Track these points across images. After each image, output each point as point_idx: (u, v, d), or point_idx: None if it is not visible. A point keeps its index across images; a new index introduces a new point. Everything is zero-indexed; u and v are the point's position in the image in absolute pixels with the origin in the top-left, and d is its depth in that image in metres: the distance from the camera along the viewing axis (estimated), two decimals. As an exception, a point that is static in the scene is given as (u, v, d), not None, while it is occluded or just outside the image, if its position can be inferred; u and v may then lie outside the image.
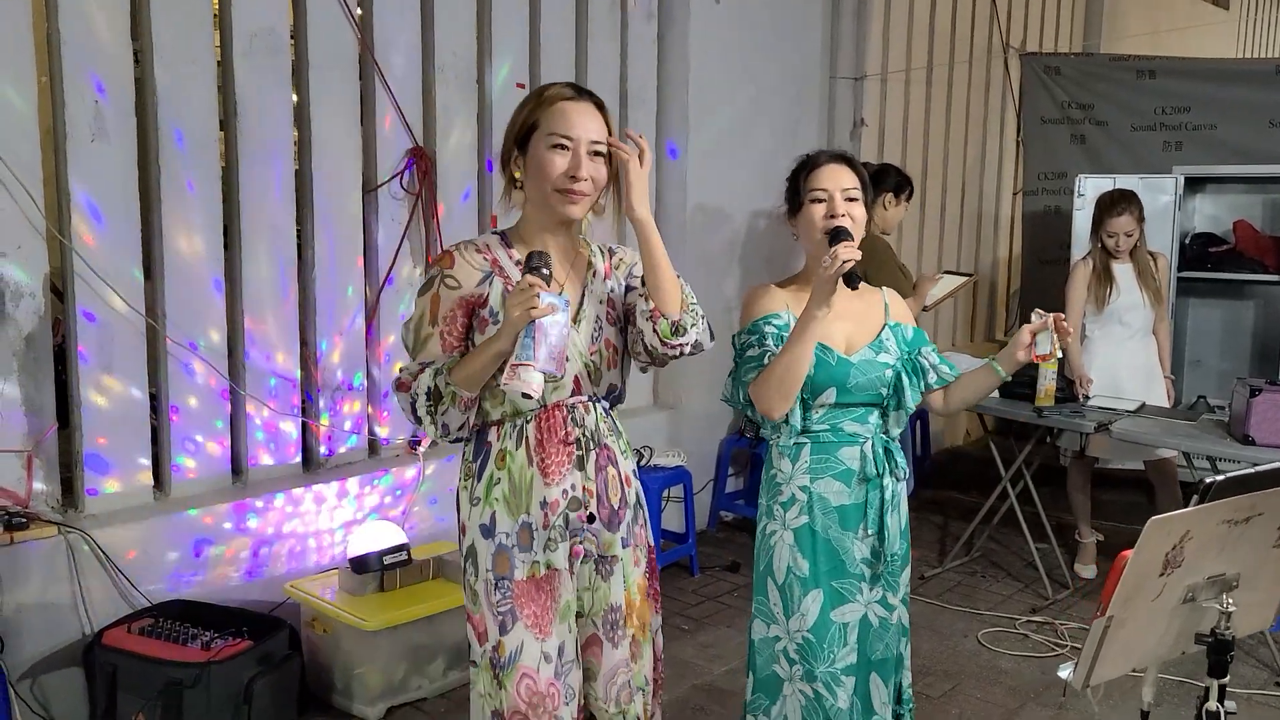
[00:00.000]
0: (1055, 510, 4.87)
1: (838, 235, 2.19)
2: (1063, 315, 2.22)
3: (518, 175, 2.06)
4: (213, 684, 2.88)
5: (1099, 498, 4.88)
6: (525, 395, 1.85)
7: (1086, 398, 4.36)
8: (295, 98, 3.64)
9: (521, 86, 4.28)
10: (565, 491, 2.04)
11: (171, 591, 3.29)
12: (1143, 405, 4.29)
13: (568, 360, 1.98)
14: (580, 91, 2.05)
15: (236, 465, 3.63)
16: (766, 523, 2.34)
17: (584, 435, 2.06)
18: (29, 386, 3.09)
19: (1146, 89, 6.03)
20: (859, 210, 2.29)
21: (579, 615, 2.10)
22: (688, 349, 2.07)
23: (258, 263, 3.57)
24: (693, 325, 2.05)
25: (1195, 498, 1.57)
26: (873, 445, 2.31)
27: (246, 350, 3.57)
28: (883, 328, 2.37)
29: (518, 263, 2.05)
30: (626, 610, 2.12)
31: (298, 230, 3.71)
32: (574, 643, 2.07)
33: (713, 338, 2.14)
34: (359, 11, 3.78)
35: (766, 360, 2.22)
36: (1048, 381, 4.24)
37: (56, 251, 3.17)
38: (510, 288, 1.99)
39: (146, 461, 3.38)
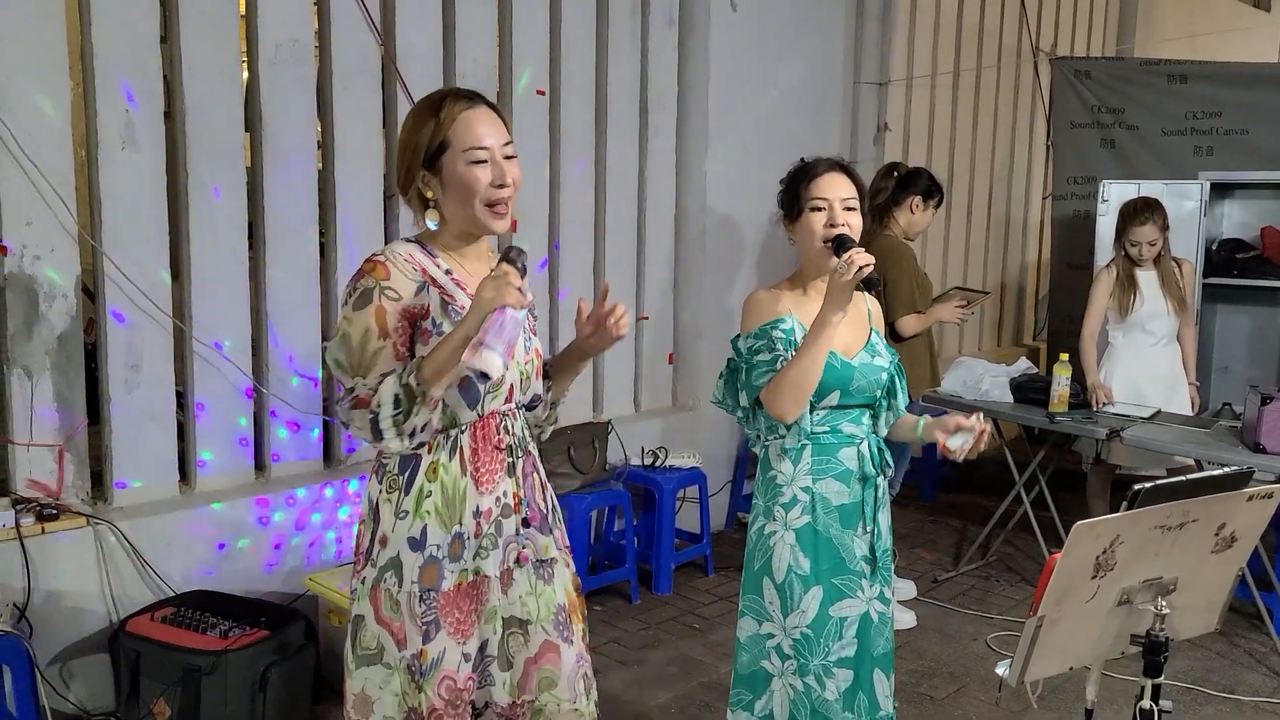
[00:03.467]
0: (1078, 516, 4.86)
1: (842, 243, 2.25)
2: (987, 428, 2.31)
3: (430, 195, 1.99)
4: (229, 672, 2.99)
5: (1119, 504, 4.85)
6: (483, 375, 1.81)
7: (1104, 405, 4.35)
8: (319, 105, 3.75)
9: (542, 93, 4.37)
10: (498, 499, 2.04)
11: (195, 582, 3.41)
12: (1157, 412, 4.28)
13: (506, 370, 1.93)
14: (473, 97, 2.00)
15: (259, 461, 3.74)
16: (765, 523, 2.38)
17: (513, 442, 2.07)
18: (61, 384, 3.23)
19: (1177, 93, 5.98)
20: (856, 219, 2.34)
21: (526, 623, 2.09)
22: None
23: (281, 265, 3.69)
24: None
25: (1124, 504, 1.61)
26: (868, 445, 2.38)
27: (270, 350, 3.69)
28: (870, 332, 2.44)
29: (447, 272, 2.01)
30: (570, 609, 2.15)
31: (320, 234, 3.83)
32: (497, 641, 2.07)
33: None
34: (381, 20, 3.88)
35: (779, 365, 2.26)
36: (1061, 387, 4.27)
37: (88, 254, 3.31)
38: (446, 298, 1.97)
39: (172, 457, 3.51)
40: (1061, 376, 4.28)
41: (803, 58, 5.28)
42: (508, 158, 1.98)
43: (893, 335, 4.18)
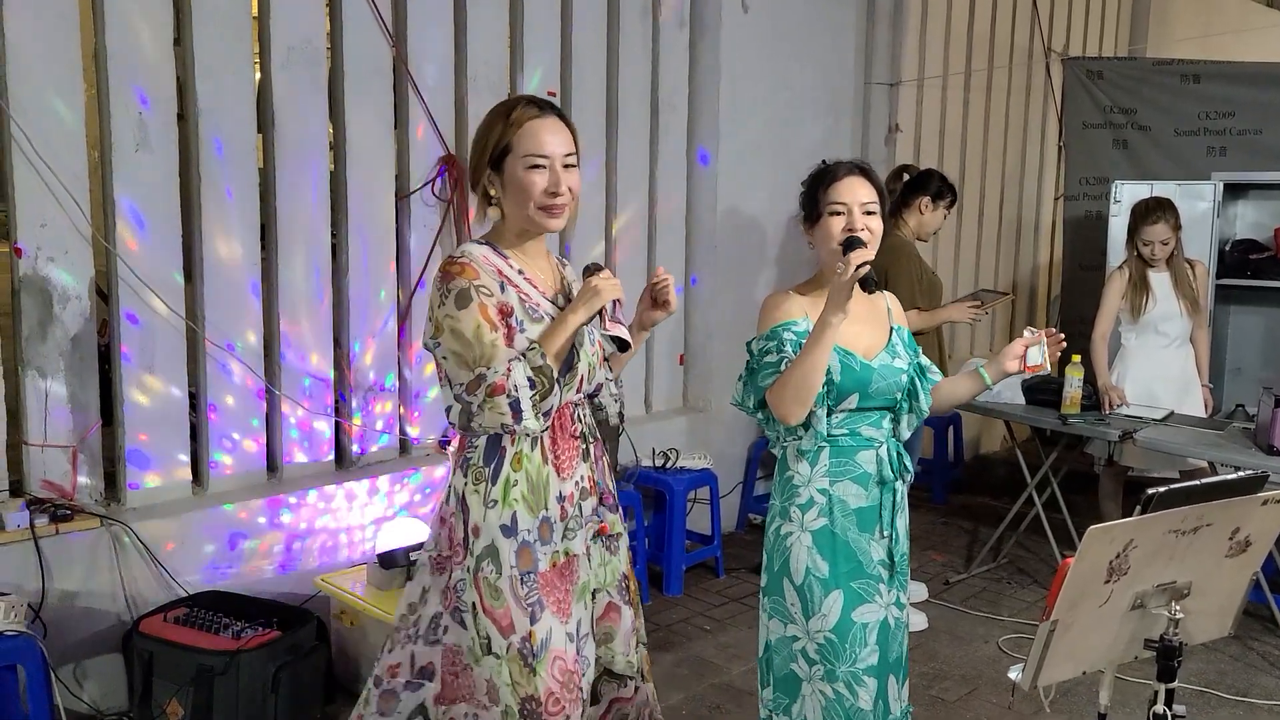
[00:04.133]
0: (1090, 518, 4.85)
1: (851, 244, 2.24)
2: (1054, 330, 2.28)
3: (493, 193, 2.15)
4: (242, 672, 3.00)
5: (1132, 506, 4.83)
6: (621, 343, 2.10)
7: (1117, 407, 4.34)
8: (330, 106, 3.77)
9: (553, 94, 4.37)
10: (576, 483, 2.19)
11: (208, 583, 3.42)
12: (1170, 414, 4.26)
13: (580, 361, 2.15)
14: (544, 106, 2.13)
15: (272, 462, 3.76)
16: (781, 524, 2.37)
17: (585, 429, 2.24)
18: (75, 385, 3.25)
19: (1190, 93, 5.96)
20: (876, 223, 2.33)
21: (595, 591, 2.25)
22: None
23: (293, 267, 3.70)
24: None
25: (1138, 508, 1.60)
26: (888, 449, 2.36)
27: (282, 351, 3.70)
28: (891, 331, 2.43)
29: (519, 271, 2.16)
30: (629, 576, 2.34)
31: (332, 235, 3.84)
32: (589, 617, 2.23)
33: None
34: (393, 22, 3.89)
35: (784, 367, 2.26)
36: (1073, 389, 4.25)
37: (102, 256, 3.33)
38: (522, 295, 2.13)
39: (185, 458, 3.52)
40: (1073, 378, 4.27)
41: (814, 59, 5.28)
42: (567, 167, 2.11)
43: None
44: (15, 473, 3.22)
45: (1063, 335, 2.29)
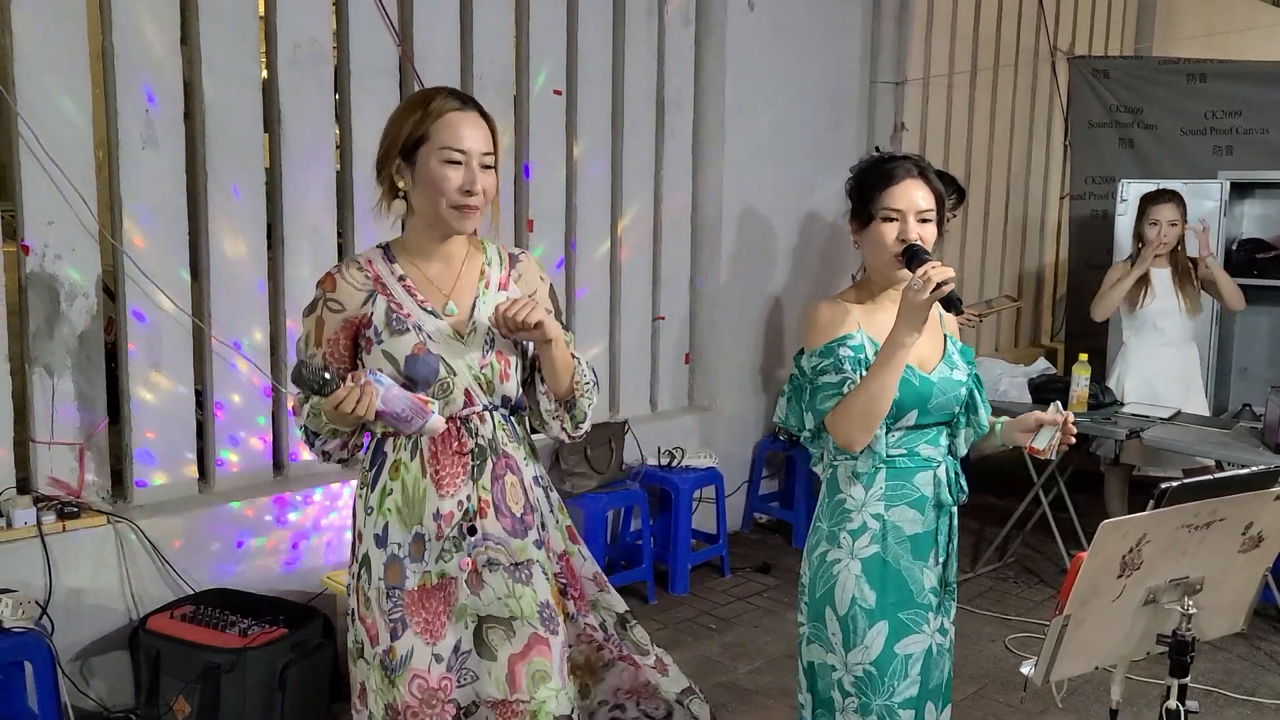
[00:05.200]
0: (1096, 518, 4.83)
1: (914, 254, 2.05)
2: (1071, 417, 2.16)
3: (401, 185, 2.02)
4: (248, 669, 3.00)
5: (1137, 505, 4.83)
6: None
7: (1119, 404, 4.34)
8: (337, 105, 3.77)
9: (558, 93, 4.37)
10: (460, 503, 2.04)
11: (214, 580, 3.42)
12: (1178, 413, 4.26)
13: (455, 375, 2.02)
14: (466, 100, 2.02)
15: (278, 460, 3.76)
16: (829, 549, 2.18)
17: (479, 445, 2.06)
18: (82, 382, 3.25)
19: (1197, 92, 5.94)
20: (931, 230, 2.13)
21: (513, 619, 2.07)
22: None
23: (300, 264, 3.70)
24: (589, 409, 2.18)
25: (1151, 503, 1.60)
26: (945, 469, 2.20)
27: (288, 349, 3.70)
28: (944, 340, 2.25)
29: (400, 278, 2.05)
30: (555, 606, 2.14)
31: (338, 233, 3.84)
32: (470, 636, 2.06)
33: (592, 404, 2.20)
34: (399, 20, 3.89)
35: (846, 389, 2.07)
36: (1080, 388, 4.25)
37: (109, 253, 3.33)
38: (394, 305, 2.02)
39: (192, 455, 3.53)
40: (1080, 377, 4.26)
41: (819, 57, 5.27)
42: (485, 167, 1.99)
43: None
44: (22, 470, 3.23)
45: (1075, 433, 2.19)
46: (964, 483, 2.25)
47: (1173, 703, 1.78)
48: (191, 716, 3.00)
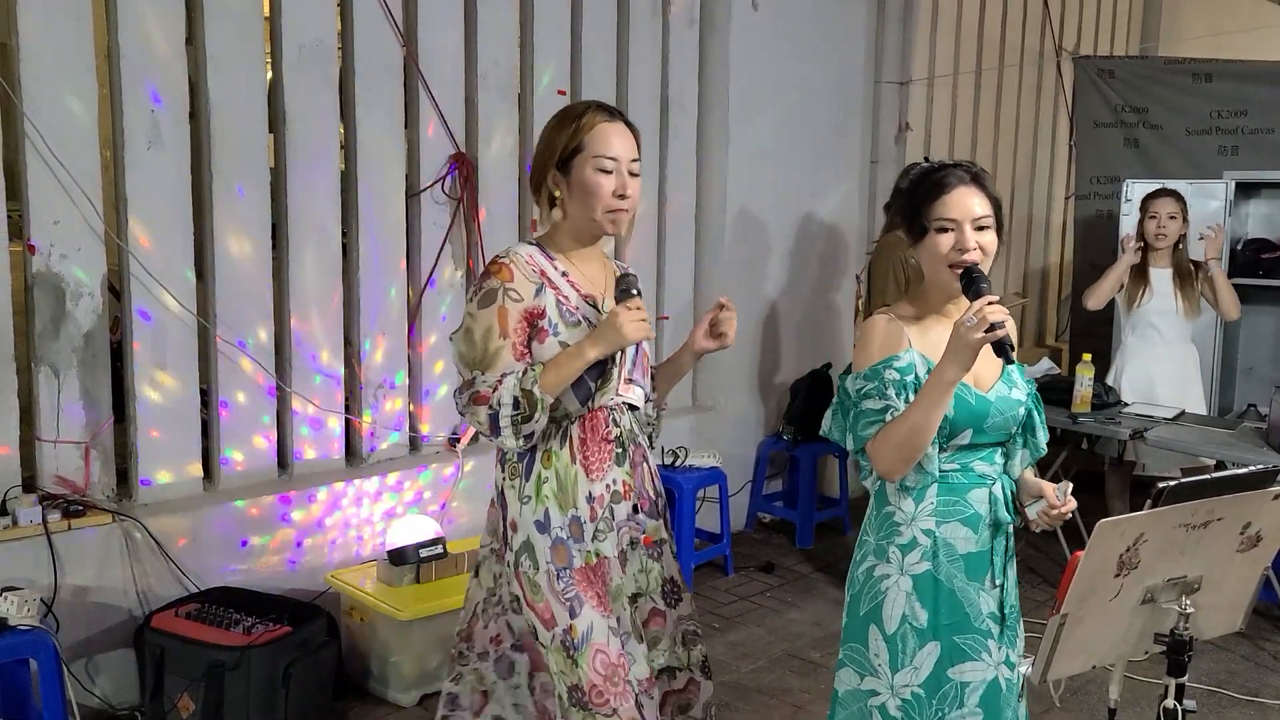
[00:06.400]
0: (1097, 518, 4.83)
1: (972, 282, 1.95)
2: (1071, 506, 2.05)
3: (558, 194, 2.18)
4: (253, 667, 3.01)
5: (1138, 504, 4.82)
6: (631, 406, 2.17)
7: (1122, 404, 4.34)
8: (341, 105, 3.78)
9: (563, 93, 4.37)
10: (608, 485, 2.19)
11: (219, 579, 3.44)
12: (1181, 413, 4.25)
13: (616, 367, 2.18)
14: (614, 113, 2.20)
15: (282, 459, 3.77)
16: (876, 564, 2.08)
17: (622, 434, 2.22)
18: (87, 381, 3.27)
19: (1202, 92, 5.93)
20: (990, 238, 2.03)
21: (637, 596, 2.26)
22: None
23: (304, 264, 3.72)
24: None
25: (1148, 502, 1.60)
26: (1001, 487, 2.09)
27: (293, 349, 3.72)
28: None
29: (563, 274, 2.18)
30: (677, 582, 2.34)
31: (343, 233, 3.85)
32: (629, 617, 2.22)
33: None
34: (403, 21, 3.90)
35: (889, 416, 1.98)
36: (1084, 388, 4.25)
37: (114, 253, 3.34)
38: (561, 298, 2.14)
39: (197, 454, 3.54)
40: (1084, 377, 4.26)
41: (823, 58, 5.27)
42: (633, 174, 2.17)
43: None
44: (28, 468, 3.24)
45: (1070, 512, 2.06)
46: (1020, 502, 2.16)
47: (1170, 702, 1.79)
48: (196, 714, 3.02)
